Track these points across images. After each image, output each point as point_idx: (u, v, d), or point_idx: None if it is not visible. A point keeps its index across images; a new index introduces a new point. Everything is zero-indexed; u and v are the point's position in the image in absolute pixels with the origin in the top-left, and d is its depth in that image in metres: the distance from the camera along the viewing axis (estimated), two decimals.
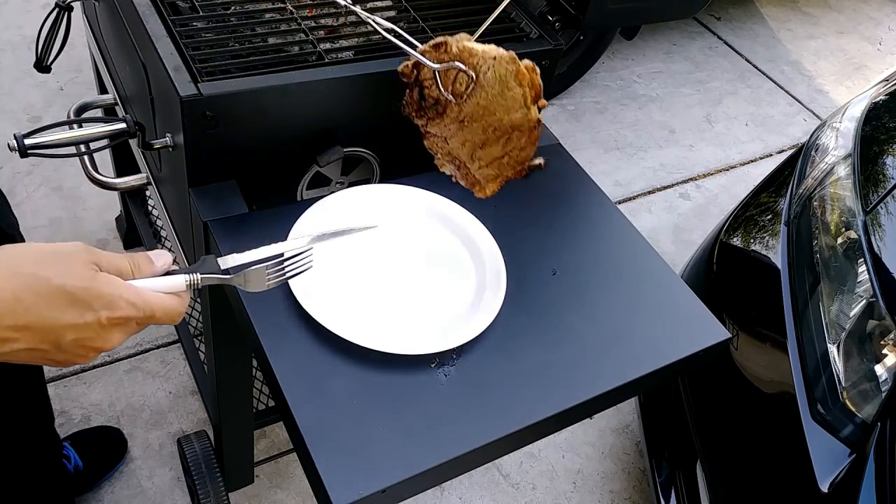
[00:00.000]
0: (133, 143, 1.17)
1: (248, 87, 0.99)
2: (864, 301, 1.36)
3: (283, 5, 1.17)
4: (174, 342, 2.01)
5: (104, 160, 1.94)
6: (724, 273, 1.70)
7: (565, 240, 1.11)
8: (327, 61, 1.07)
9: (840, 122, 1.78)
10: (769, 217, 1.74)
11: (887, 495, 1.20)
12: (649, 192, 2.86)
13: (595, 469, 1.97)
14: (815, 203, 1.60)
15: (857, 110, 1.78)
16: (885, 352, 1.32)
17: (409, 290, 0.99)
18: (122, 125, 1.11)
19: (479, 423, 0.86)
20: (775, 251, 1.61)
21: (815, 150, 1.77)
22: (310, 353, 0.89)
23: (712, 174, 3.01)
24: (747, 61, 3.68)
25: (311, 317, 0.90)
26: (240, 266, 0.76)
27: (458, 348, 0.92)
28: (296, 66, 1.06)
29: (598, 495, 1.92)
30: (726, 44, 3.77)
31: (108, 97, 1.50)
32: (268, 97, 1.00)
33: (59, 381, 1.88)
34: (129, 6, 1.09)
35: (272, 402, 1.60)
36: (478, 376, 0.91)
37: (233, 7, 1.15)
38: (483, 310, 0.96)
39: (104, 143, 1.12)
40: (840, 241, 1.48)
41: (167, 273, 0.71)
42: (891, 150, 1.64)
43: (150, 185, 1.34)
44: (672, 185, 2.92)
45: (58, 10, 1.20)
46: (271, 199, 1.11)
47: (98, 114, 1.50)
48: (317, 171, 1.12)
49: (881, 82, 1.96)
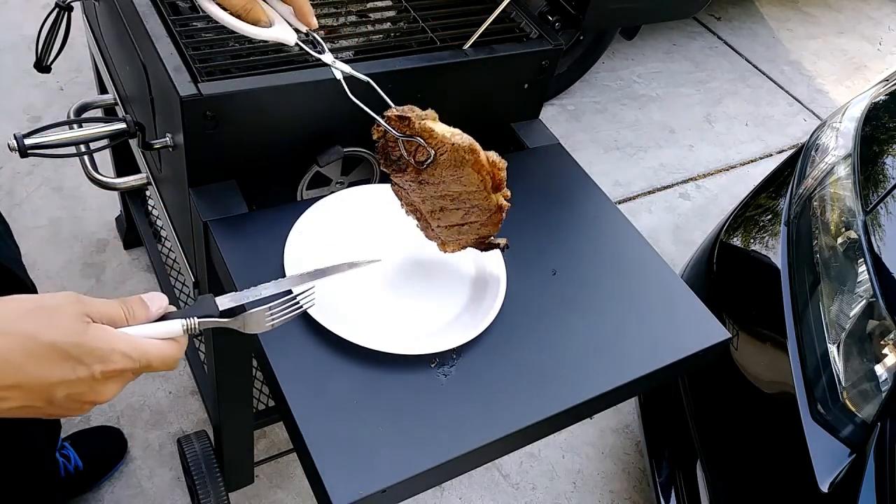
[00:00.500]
0: (133, 143, 1.17)
1: (248, 87, 0.99)
2: (864, 301, 1.36)
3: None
4: None
5: (104, 160, 1.94)
6: (724, 273, 1.70)
7: (565, 240, 1.11)
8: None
9: (840, 122, 1.78)
10: (769, 217, 1.74)
11: (887, 495, 1.20)
12: (649, 192, 2.86)
13: (595, 469, 1.97)
14: (815, 203, 1.60)
15: (857, 110, 1.78)
16: (885, 352, 1.32)
17: (409, 291, 0.99)
18: (122, 125, 1.11)
19: (479, 423, 0.86)
20: (775, 251, 1.61)
21: (815, 150, 1.77)
22: (310, 353, 0.89)
23: (712, 174, 3.01)
24: (747, 61, 3.68)
25: (311, 317, 0.90)
26: (238, 307, 0.75)
27: (458, 348, 0.92)
28: (296, 66, 1.06)
29: (598, 495, 1.92)
30: (726, 44, 3.77)
31: (108, 97, 1.50)
32: (268, 97, 1.00)
33: None
34: (129, 6, 1.09)
35: (272, 402, 1.60)
36: (478, 376, 0.91)
37: None
38: (483, 310, 0.96)
39: (104, 143, 1.12)
40: (840, 241, 1.48)
41: (163, 316, 0.70)
42: (891, 150, 1.64)
43: (150, 185, 1.34)
44: (672, 185, 2.92)
45: (58, 10, 1.20)
46: (271, 199, 1.11)
47: (98, 114, 1.50)
48: (317, 171, 1.12)
49: (881, 82, 1.96)
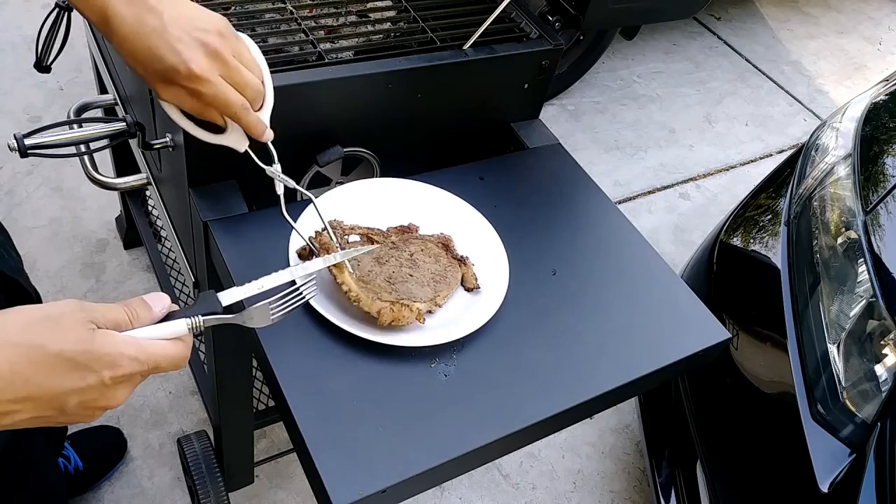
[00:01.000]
0: (133, 143, 1.16)
1: None
2: (864, 301, 1.36)
3: (283, 5, 1.17)
4: None
5: (104, 160, 1.94)
6: (724, 273, 1.70)
7: (565, 240, 1.11)
8: (327, 61, 1.07)
9: (840, 122, 1.78)
10: (769, 217, 1.74)
11: (887, 495, 1.20)
12: (649, 192, 2.86)
13: (595, 469, 1.97)
14: (815, 203, 1.60)
15: (857, 110, 1.78)
16: (885, 352, 1.32)
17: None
18: (122, 125, 1.10)
19: (479, 423, 0.86)
20: (775, 251, 1.61)
21: (815, 150, 1.77)
22: (310, 353, 0.88)
23: (712, 174, 3.01)
24: (747, 61, 3.68)
25: (311, 315, 0.90)
26: (241, 302, 0.75)
27: (458, 348, 0.92)
28: (296, 66, 1.06)
29: (598, 495, 1.92)
30: (726, 44, 3.77)
31: (108, 97, 1.50)
32: None
33: None
34: None
35: (272, 402, 1.60)
36: (478, 376, 0.91)
37: (233, 7, 1.15)
38: (484, 305, 0.96)
39: (104, 143, 1.12)
40: (840, 241, 1.48)
41: (167, 316, 0.70)
42: (891, 150, 1.64)
43: (150, 185, 1.34)
44: (672, 185, 2.91)
45: (58, 10, 1.20)
46: (271, 199, 1.11)
47: (98, 114, 1.50)
48: (317, 171, 1.12)
49: (881, 82, 1.96)
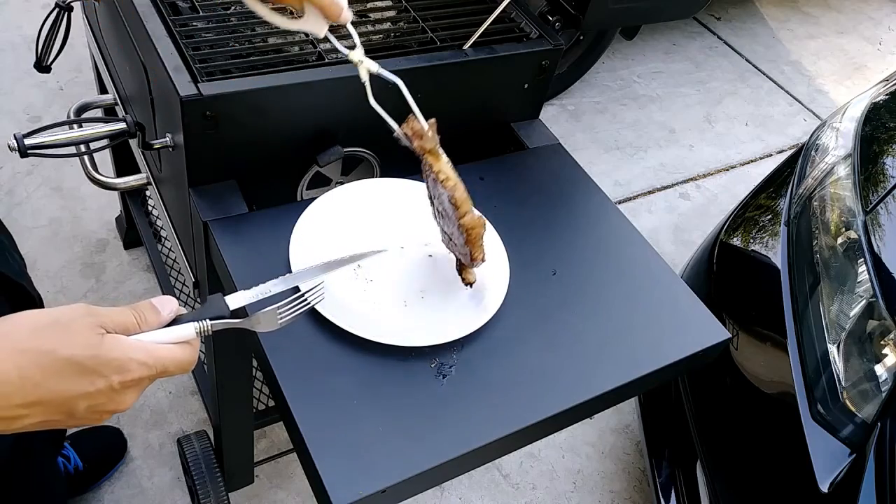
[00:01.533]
0: (133, 143, 1.17)
1: (248, 87, 0.99)
2: (864, 301, 1.36)
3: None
4: None
5: (104, 160, 1.94)
6: (724, 273, 1.70)
7: (565, 240, 1.11)
8: (327, 61, 1.07)
9: (840, 122, 1.78)
10: (769, 217, 1.74)
11: (887, 495, 1.20)
12: (649, 192, 2.86)
13: (595, 469, 1.97)
14: (815, 203, 1.60)
15: (857, 110, 1.78)
16: (885, 352, 1.32)
17: (411, 285, 0.99)
18: (122, 125, 1.11)
19: (479, 423, 0.86)
20: (775, 251, 1.61)
21: (815, 150, 1.77)
22: (310, 353, 0.88)
23: (712, 174, 3.01)
24: (747, 61, 3.68)
25: (311, 317, 0.90)
26: (249, 305, 0.75)
27: (458, 348, 0.92)
28: (296, 66, 1.06)
29: (598, 495, 1.92)
30: (726, 44, 3.77)
31: (108, 97, 1.50)
32: (268, 97, 1.00)
33: None
34: (129, 6, 1.09)
35: (272, 402, 1.60)
36: (478, 376, 0.91)
37: (233, 7, 1.15)
38: (485, 304, 0.96)
39: (104, 143, 1.12)
40: (840, 241, 1.48)
41: (174, 319, 0.70)
42: (891, 150, 1.64)
43: (150, 185, 1.34)
44: (672, 185, 2.91)
45: (58, 10, 1.20)
46: (271, 199, 1.11)
47: (98, 114, 1.50)
48: (317, 171, 1.12)
49: (881, 82, 1.96)
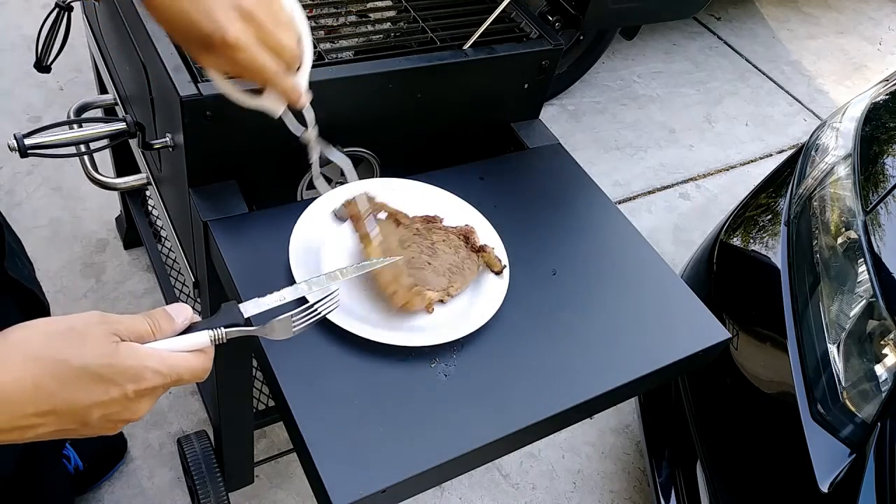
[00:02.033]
0: (133, 143, 1.17)
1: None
2: (864, 301, 1.36)
3: None
4: None
5: (104, 160, 1.94)
6: (724, 273, 1.70)
7: (565, 240, 1.11)
8: (327, 61, 1.07)
9: (840, 122, 1.78)
10: (769, 217, 1.74)
11: (887, 495, 1.20)
12: (649, 192, 2.86)
13: (595, 469, 1.97)
14: (815, 203, 1.60)
15: (857, 110, 1.78)
16: (885, 352, 1.32)
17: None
18: (122, 125, 1.11)
19: (479, 423, 0.86)
20: (775, 251, 1.61)
21: (815, 150, 1.77)
22: (310, 353, 0.89)
23: (712, 174, 3.01)
24: (747, 61, 3.68)
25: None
26: (263, 314, 0.75)
27: (458, 348, 0.92)
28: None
29: (598, 495, 1.92)
30: (726, 44, 3.77)
31: (108, 97, 1.50)
32: None
33: None
34: (129, 6, 1.09)
35: (272, 402, 1.60)
36: (478, 376, 0.91)
37: None
38: (485, 304, 0.96)
39: (104, 143, 1.12)
40: (840, 241, 1.48)
41: (189, 327, 0.70)
42: (891, 150, 1.64)
43: (150, 185, 1.34)
44: (672, 185, 2.91)
45: (58, 10, 1.20)
46: (271, 199, 1.11)
47: (98, 114, 1.50)
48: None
49: (881, 82, 1.96)
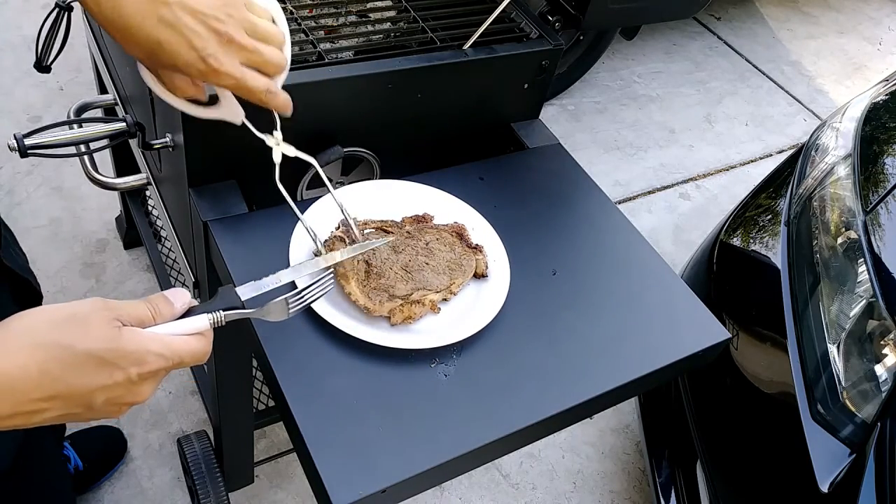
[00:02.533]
0: (133, 143, 1.17)
1: None
2: (864, 301, 1.36)
3: (283, 5, 1.17)
4: None
5: (104, 160, 1.94)
6: (724, 273, 1.70)
7: (565, 240, 1.11)
8: (327, 61, 1.07)
9: (840, 122, 1.78)
10: (769, 217, 1.74)
11: (887, 495, 1.20)
12: (649, 192, 2.86)
13: (595, 469, 1.97)
14: (815, 203, 1.60)
15: (857, 110, 1.78)
16: (885, 352, 1.32)
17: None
18: (122, 125, 1.11)
19: (479, 423, 0.86)
20: (775, 251, 1.61)
21: (815, 150, 1.77)
22: (310, 353, 0.88)
23: (712, 174, 3.01)
24: (747, 61, 3.68)
25: (312, 314, 0.90)
26: (259, 296, 0.76)
27: (458, 347, 0.92)
28: (295, 66, 1.05)
29: (598, 495, 1.92)
30: (726, 44, 3.77)
31: (108, 97, 1.50)
32: None
33: None
34: None
35: (272, 402, 1.60)
36: (478, 376, 0.91)
37: None
38: (485, 307, 0.96)
39: (104, 143, 1.12)
40: (840, 241, 1.48)
41: (187, 311, 0.71)
42: (891, 150, 1.64)
43: (150, 185, 1.34)
44: (672, 185, 2.91)
45: (58, 10, 1.20)
46: (271, 199, 1.10)
47: (98, 114, 1.50)
48: (317, 171, 1.12)
49: (881, 82, 1.96)
